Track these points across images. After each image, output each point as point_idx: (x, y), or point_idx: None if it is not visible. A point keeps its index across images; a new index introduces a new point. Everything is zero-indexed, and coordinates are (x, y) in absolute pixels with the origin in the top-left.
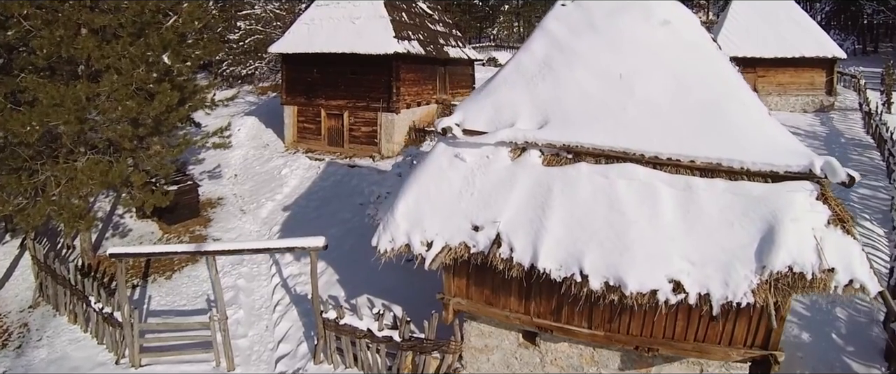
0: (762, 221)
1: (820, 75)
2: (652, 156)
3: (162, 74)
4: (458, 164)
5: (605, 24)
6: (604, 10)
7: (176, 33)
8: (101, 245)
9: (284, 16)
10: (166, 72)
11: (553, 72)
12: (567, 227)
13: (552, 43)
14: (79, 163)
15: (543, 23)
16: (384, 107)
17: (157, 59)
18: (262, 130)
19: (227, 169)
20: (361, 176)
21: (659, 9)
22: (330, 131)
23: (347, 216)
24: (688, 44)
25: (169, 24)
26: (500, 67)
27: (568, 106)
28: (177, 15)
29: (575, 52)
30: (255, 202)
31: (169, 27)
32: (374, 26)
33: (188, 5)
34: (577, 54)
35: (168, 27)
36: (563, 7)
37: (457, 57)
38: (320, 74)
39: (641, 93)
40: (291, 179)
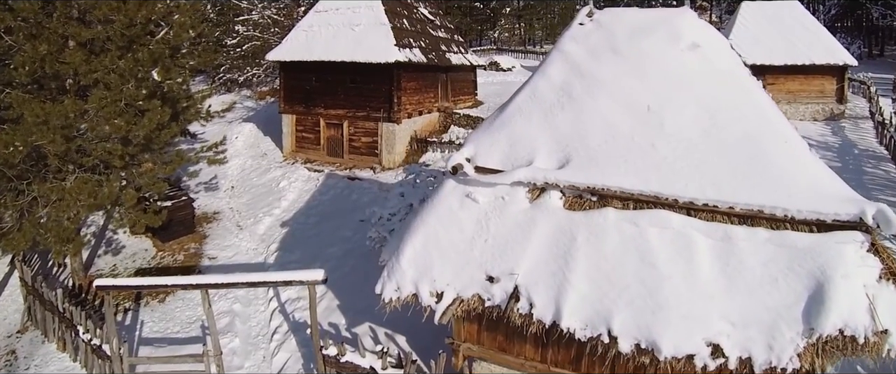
0: (809, 276)
1: (830, 83)
2: (686, 201)
3: (152, 90)
4: (470, 205)
5: (628, 48)
6: (626, 32)
7: (167, 47)
8: (94, 263)
9: (282, 21)
10: (156, 87)
11: (573, 101)
12: (593, 281)
13: (571, 67)
14: (67, 182)
15: (560, 44)
16: (385, 117)
17: (145, 75)
18: (259, 138)
19: (224, 180)
20: (362, 190)
21: (687, 30)
22: (329, 141)
23: (348, 234)
24: (719, 70)
25: (159, 37)
26: (513, 95)
27: (591, 141)
28: (168, 26)
29: (596, 79)
30: (252, 217)
31: (159, 40)
32: (375, 34)
33: (179, 17)
34: (599, 81)
35: (158, 40)
36: (582, 27)
37: (459, 64)
38: (319, 83)
39: (672, 127)
40: (290, 193)
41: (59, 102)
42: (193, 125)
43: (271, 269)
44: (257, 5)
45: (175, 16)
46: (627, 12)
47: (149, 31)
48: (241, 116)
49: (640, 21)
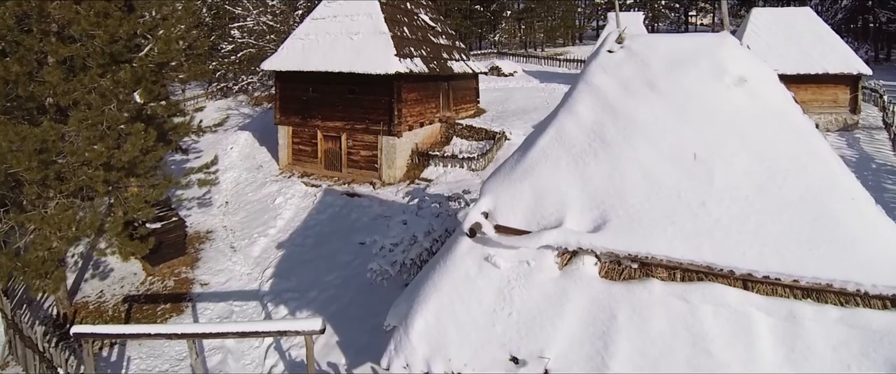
0: (887, 364)
1: (843, 92)
2: (744, 273)
3: (134, 112)
4: (490, 271)
5: (666, 83)
6: (663, 63)
7: (151, 65)
8: (80, 288)
9: (278, 28)
10: (139, 111)
11: (607, 146)
12: (638, 369)
13: (602, 104)
14: (47, 210)
15: (588, 75)
16: (385, 130)
17: (127, 97)
18: (255, 148)
19: (218, 195)
20: (361, 209)
21: (731, 62)
22: (327, 154)
23: (347, 259)
24: (771, 110)
25: (144, 53)
26: (535, 132)
27: (631, 197)
28: (152, 42)
29: (632, 120)
30: (246, 238)
31: (143, 57)
32: (374, 43)
33: (164, 32)
34: (636, 123)
35: (142, 58)
36: (611, 55)
37: (461, 71)
38: (316, 93)
39: (723, 181)
40: (286, 210)
41: (36, 124)
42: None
43: (266, 298)
44: (253, 11)
45: (160, 31)
46: (662, 40)
47: (135, 45)
48: (236, 123)
49: (677, 50)
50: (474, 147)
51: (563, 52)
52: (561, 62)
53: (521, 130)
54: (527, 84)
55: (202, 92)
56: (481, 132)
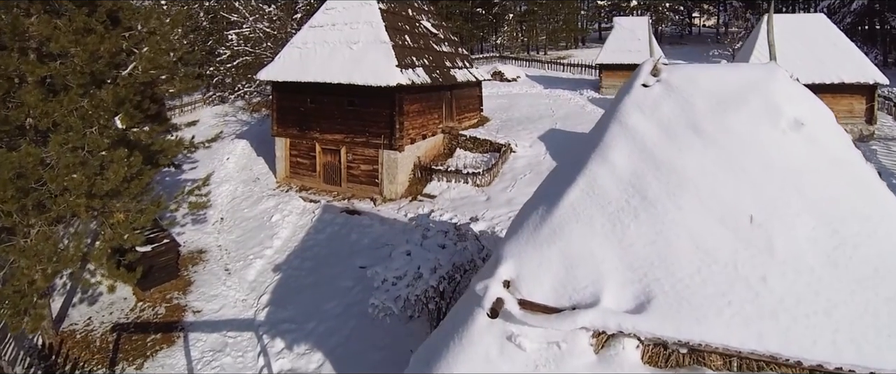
0: None
1: (859, 102)
2: (814, 365)
3: (116, 137)
4: (514, 354)
5: (714, 127)
6: (707, 101)
7: (133, 85)
8: (67, 315)
9: (275, 35)
10: (122, 135)
11: (648, 204)
12: None
13: (640, 152)
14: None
15: (621, 113)
16: (386, 143)
17: (106, 122)
18: (252, 159)
19: (213, 211)
20: (362, 228)
21: (785, 101)
22: (326, 168)
23: (347, 284)
24: (832, 160)
25: (127, 72)
26: (562, 181)
27: (679, 270)
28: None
29: (676, 172)
30: (241, 259)
31: (126, 77)
32: (375, 53)
33: (148, 49)
34: (681, 176)
35: (124, 77)
36: (647, 90)
37: (464, 80)
38: (314, 105)
39: (785, 250)
40: (283, 229)
41: (13, 148)
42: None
43: (262, 328)
44: (249, 18)
45: (144, 48)
46: (703, 71)
47: (119, 62)
48: (234, 131)
49: (722, 85)
50: (479, 160)
51: (566, 56)
52: (565, 67)
53: (526, 141)
54: (530, 90)
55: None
56: (486, 144)
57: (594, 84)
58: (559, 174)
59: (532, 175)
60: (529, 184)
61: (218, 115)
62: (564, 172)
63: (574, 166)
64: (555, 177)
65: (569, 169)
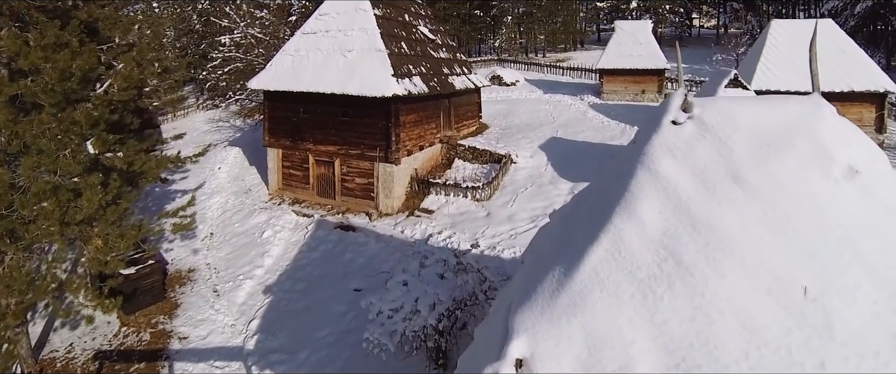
0: None
1: (869, 111)
2: None
3: (89, 164)
4: None
5: (757, 176)
6: (748, 143)
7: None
8: (48, 340)
9: (267, 40)
10: (95, 160)
11: (684, 271)
12: None
13: (673, 206)
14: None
15: (649, 158)
16: (382, 156)
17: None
18: (244, 168)
19: (203, 225)
20: (357, 246)
21: (837, 144)
22: (319, 180)
23: (340, 310)
24: (891, 214)
25: (102, 90)
26: (578, 235)
27: (723, 353)
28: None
29: (716, 231)
30: (231, 279)
31: (101, 95)
32: (370, 62)
33: (124, 67)
34: (721, 235)
35: (99, 96)
36: (678, 129)
37: (463, 87)
38: (307, 115)
39: (845, 329)
40: (274, 246)
41: None
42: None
43: (251, 358)
44: (240, 24)
45: (119, 64)
46: (740, 107)
47: (96, 77)
48: (226, 137)
49: (763, 124)
50: (478, 172)
51: (566, 58)
52: (564, 71)
53: (527, 151)
54: (530, 95)
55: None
56: (485, 154)
57: (595, 89)
58: (576, 220)
59: (533, 188)
60: (531, 198)
61: (211, 120)
62: (581, 217)
63: (594, 214)
64: (570, 221)
65: (587, 214)
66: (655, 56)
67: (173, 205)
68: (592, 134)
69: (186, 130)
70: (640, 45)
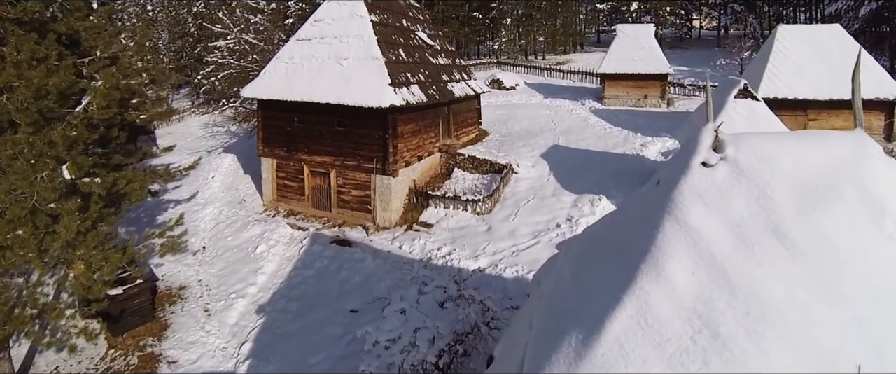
0: None
1: (877, 119)
2: None
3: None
4: None
5: (801, 230)
6: (789, 190)
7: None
8: (34, 363)
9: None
10: (72, 186)
11: (721, 345)
12: None
13: (707, 266)
14: None
15: (677, 207)
16: (379, 168)
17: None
18: (239, 177)
19: (195, 238)
20: (353, 263)
21: (888, 191)
22: (315, 191)
23: (336, 333)
24: None
25: (81, 108)
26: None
27: None
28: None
29: (757, 298)
30: (223, 298)
31: (79, 114)
32: (366, 70)
33: (103, 83)
34: (763, 303)
35: (77, 115)
36: (710, 172)
37: (462, 94)
38: (302, 124)
39: None
40: (268, 262)
41: None
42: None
43: None
44: (233, 29)
45: (97, 82)
46: (779, 147)
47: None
48: (221, 143)
49: (805, 167)
50: (478, 183)
51: (566, 61)
52: (565, 74)
53: (528, 160)
54: (530, 100)
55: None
56: (486, 164)
57: (596, 93)
58: (593, 268)
59: (535, 201)
60: (533, 211)
61: (206, 125)
62: (599, 265)
63: (614, 266)
64: (585, 268)
65: (606, 265)
66: (658, 60)
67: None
68: (595, 141)
69: (181, 136)
70: (642, 49)
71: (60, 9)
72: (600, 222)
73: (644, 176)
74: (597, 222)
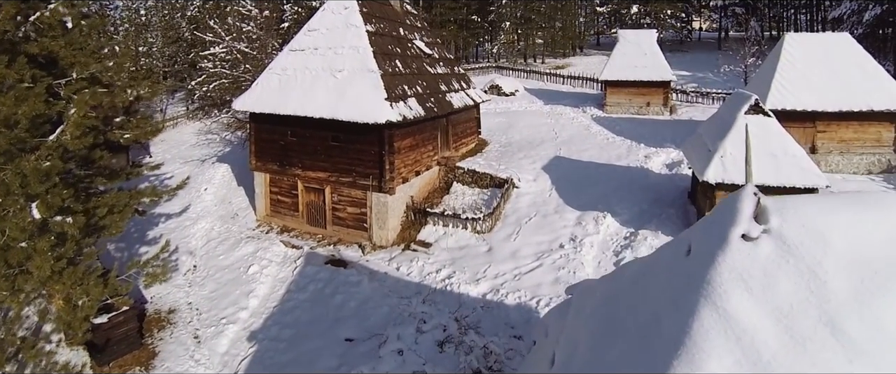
0: None
1: (888, 130)
2: None
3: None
4: None
5: (858, 324)
6: (845, 276)
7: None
8: None
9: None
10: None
11: None
12: None
13: (750, 367)
14: None
15: (715, 293)
16: (375, 186)
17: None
18: (232, 188)
19: (186, 256)
20: (348, 287)
21: None
22: (309, 208)
23: (330, 365)
24: None
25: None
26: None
27: None
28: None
29: None
30: (213, 324)
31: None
32: (361, 83)
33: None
34: None
35: (50, 145)
36: (751, 247)
37: (462, 105)
38: (295, 138)
39: None
40: (261, 285)
41: None
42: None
43: None
44: (225, 38)
45: (71, 110)
46: (830, 218)
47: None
48: (215, 152)
49: (861, 245)
50: (478, 199)
51: (565, 64)
52: (565, 79)
53: (529, 173)
54: (530, 106)
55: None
56: (486, 178)
57: (597, 100)
58: (615, 351)
59: (538, 218)
60: (535, 230)
61: (201, 132)
62: (621, 352)
63: (640, 355)
64: (605, 348)
65: (628, 351)
66: (661, 67)
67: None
68: (597, 152)
69: (174, 143)
70: (645, 55)
71: (33, 28)
72: (618, 279)
73: (649, 191)
74: (614, 276)
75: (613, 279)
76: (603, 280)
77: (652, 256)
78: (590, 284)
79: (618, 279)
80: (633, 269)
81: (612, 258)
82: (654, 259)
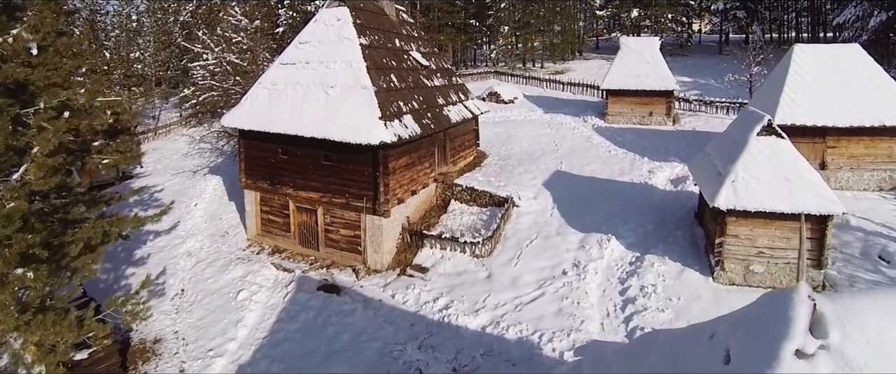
0: None
1: None
2: None
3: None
4: None
5: None
6: None
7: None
8: None
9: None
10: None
11: None
12: None
13: None
14: None
15: None
16: (369, 208)
17: None
18: (223, 204)
19: (173, 279)
20: (341, 317)
21: None
22: (301, 228)
23: None
24: None
25: (17, 177)
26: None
27: None
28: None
29: None
30: (201, 356)
31: (13, 186)
32: (354, 101)
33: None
34: None
35: (13, 186)
36: (809, 365)
37: (460, 119)
38: (286, 156)
39: None
40: (250, 313)
41: None
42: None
43: None
44: (214, 49)
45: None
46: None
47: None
48: (207, 162)
49: None
50: (477, 219)
51: (564, 69)
52: (565, 86)
53: (530, 190)
54: (530, 115)
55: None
56: (485, 196)
57: (598, 108)
58: None
59: (539, 240)
60: (537, 254)
61: (193, 140)
62: None
63: None
64: None
65: None
66: (664, 76)
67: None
68: (599, 166)
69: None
70: (647, 64)
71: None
72: (638, 364)
73: (654, 211)
74: (630, 355)
75: (630, 357)
76: (618, 356)
77: (677, 343)
78: (602, 352)
79: (636, 363)
80: (654, 358)
81: (617, 287)
82: (680, 351)
